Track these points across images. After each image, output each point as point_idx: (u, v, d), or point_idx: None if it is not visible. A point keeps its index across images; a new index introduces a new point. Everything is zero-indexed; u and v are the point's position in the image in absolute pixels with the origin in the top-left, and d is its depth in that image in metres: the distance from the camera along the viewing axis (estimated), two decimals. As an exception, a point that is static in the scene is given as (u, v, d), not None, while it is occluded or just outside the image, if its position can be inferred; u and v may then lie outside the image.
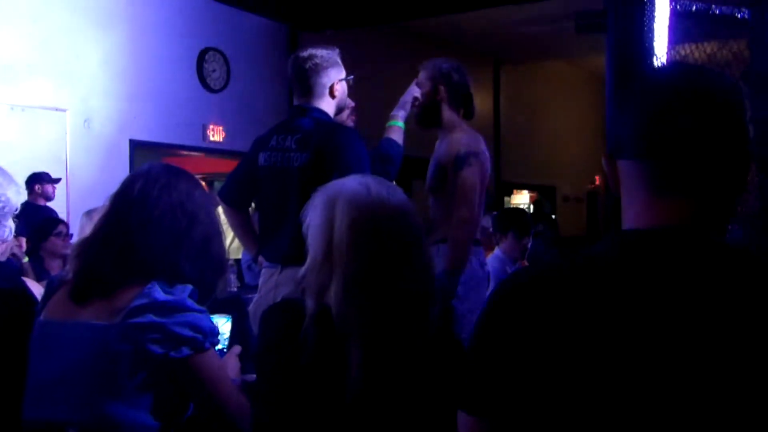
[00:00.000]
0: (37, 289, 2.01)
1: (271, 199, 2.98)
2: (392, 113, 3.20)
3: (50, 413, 1.64)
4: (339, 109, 3.05)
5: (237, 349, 1.97)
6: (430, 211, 3.39)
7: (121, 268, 1.66)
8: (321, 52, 2.97)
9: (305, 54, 2.97)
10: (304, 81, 2.95)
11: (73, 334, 1.65)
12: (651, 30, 2.96)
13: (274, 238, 2.92)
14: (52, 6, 7.15)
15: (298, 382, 1.53)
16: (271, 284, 2.87)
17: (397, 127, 3.16)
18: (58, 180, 6.59)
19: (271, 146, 2.94)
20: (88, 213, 3.88)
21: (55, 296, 1.74)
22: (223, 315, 2.07)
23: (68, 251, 5.12)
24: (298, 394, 1.53)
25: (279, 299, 2.79)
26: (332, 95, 2.97)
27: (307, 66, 2.94)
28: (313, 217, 1.60)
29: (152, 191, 1.74)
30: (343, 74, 3.04)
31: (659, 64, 2.15)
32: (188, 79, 8.44)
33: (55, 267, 5.09)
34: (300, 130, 2.89)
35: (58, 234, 5.28)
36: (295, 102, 3.04)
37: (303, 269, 1.60)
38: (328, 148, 2.80)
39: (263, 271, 3.00)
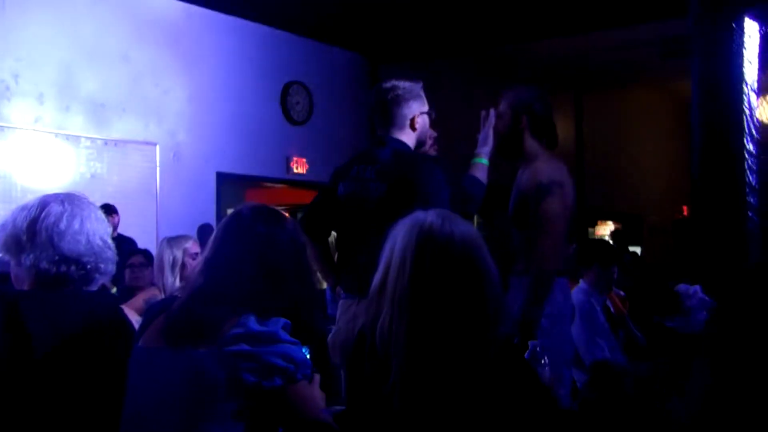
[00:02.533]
0: (134, 318, 2.07)
1: (350, 229, 2.99)
2: (477, 150, 3.17)
3: None
4: (420, 143, 3.05)
5: (317, 378, 1.98)
6: (512, 241, 3.34)
7: (217, 313, 1.70)
8: (404, 84, 2.99)
9: (388, 85, 2.99)
10: (386, 112, 2.97)
11: (171, 361, 1.70)
12: (740, 55, 2.86)
13: (353, 269, 2.92)
14: (142, 45, 7.45)
15: (363, 404, 1.68)
16: (350, 315, 2.87)
17: (481, 164, 3.13)
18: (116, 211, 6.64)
19: (351, 176, 2.95)
20: (169, 241, 3.97)
21: (154, 323, 1.80)
22: (304, 345, 2.09)
23: (139, 283, 5.18)
24: (365, 417, 1.67)
25: (359, 327, 2.80)
26: (413, 127, 2.98)
27: (389, 97, 2.96)
28: (382, 250, 1.74)
29: (249, 232, 1.79)
30: (426, 108, 3.03)
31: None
32: (272, 112, 8.64)
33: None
34: (379, 161, 2.90)
35: (130, 266, 5.29)
36: (377, 133, 3.05)
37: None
38: (406, 179, 2.82)
39: (341, 302, 3.01)
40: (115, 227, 6.63)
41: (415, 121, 2.97)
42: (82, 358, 1.84)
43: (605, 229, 13.90)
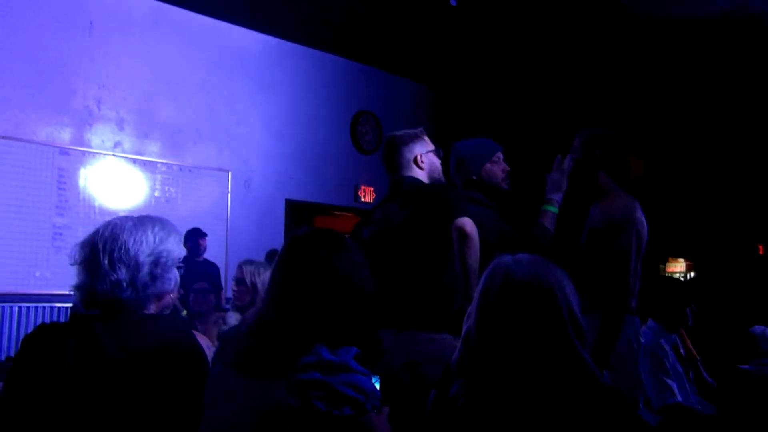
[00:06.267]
0: (204, 342, 2.09)
1: (378, 264, 3.00)
2: (547, 196, 3.20)
3: None
4: (433, 179, 3.17)
5: (386, 409, 1.98)
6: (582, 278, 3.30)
7: (287, 343, 1.71)
8: (402, 132, 3.20)
9: (389, 135, 3.22)
10: (391, 158, 3.17)
11: (245, 388, 1.72)
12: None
13: (385, 303, 2.93)
14: (219, 76, 7.67)
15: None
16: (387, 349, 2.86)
17: (551, 212, 3.17)
18: (206, 234, 6.94)
19: (374, 219, 3.10)
20: (251, 263, 4.06)
21: (228, 350, 1.82)
22: (373, 375, 2.09)
23: (203, 308, 5.32)
24: None
25: (395, 365, 2.79)
26: (420, 167, 3.13)
27: (390, 145, 3.17)
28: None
29: (312, 258, 1.79)
30: (428, 148, 3.17)
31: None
32: (342, 141, 8.75)
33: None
34: (398, 196, 3.05)
35: (195, 291, 5.44)
36: (392, 179, 3.20)
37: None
38: (427, 200, 2.94)
39: None
40: (203, 250, 6.83)
41: (420, 160, 3.13)
42: (156, 378, 1.86)
43: (676, 267, 13.55)
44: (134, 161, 6.91)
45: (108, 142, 6.79)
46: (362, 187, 8.87)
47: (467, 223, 2.76)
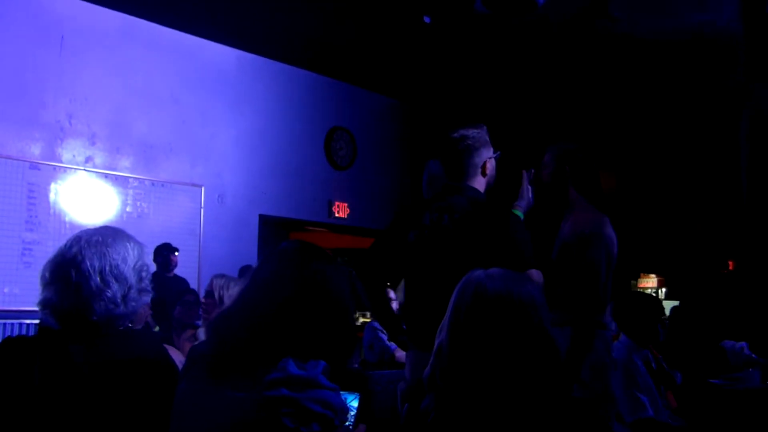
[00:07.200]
0: (177, 357, 2.07)
1: (424, 279, 2.85)
2: (514, 203, 3.16)
3: None
4: (488, 185, 2.99)
5: (362, 428, 1.96)
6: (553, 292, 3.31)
7: (257, 347, 1.70)
8: (472, 132, 2.94)
9: (457, 135, 2.93)
10: (459, 163, 2.91)
11: (214, 404, 1.69)
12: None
13: (429, 321, 2.82)
14: (192, 90, 7.64)
15: None
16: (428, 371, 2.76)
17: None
18: (177, 249, 6.89)
19: (424, 224, 2.85)
20: (221, 277, 4.03)
21: (197, 365, 1.80)
22: (352, 392, 2.08)
23: (191, 320, 5.28)
24: None
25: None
26: (484, 174, 2.94)
27: (461, 147, 2.91)
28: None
29: (286, 271, 1.78)
30: (491, 152, 2.99)
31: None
32: (316, 156, 8.74)
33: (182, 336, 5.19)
34: (457, 210, 2.80)
35: (183, 303, 5.41)
36: (449, 181, 2.96)
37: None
38: (491, 228, 2.73)
39: (412, 353, 2.88)
40: (174, 265, 6.78)
41: (486, 167, 2.94)
42: (127, 394, 1.85)
43: (648, 282, 13.67)
44: (106, 176, 6.85)
45: (79, 156, 6.73)
46: (336, 203, 8.86)
47: (535, 275, 2.62)
